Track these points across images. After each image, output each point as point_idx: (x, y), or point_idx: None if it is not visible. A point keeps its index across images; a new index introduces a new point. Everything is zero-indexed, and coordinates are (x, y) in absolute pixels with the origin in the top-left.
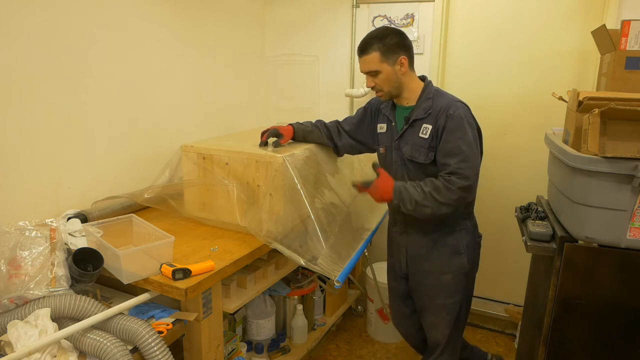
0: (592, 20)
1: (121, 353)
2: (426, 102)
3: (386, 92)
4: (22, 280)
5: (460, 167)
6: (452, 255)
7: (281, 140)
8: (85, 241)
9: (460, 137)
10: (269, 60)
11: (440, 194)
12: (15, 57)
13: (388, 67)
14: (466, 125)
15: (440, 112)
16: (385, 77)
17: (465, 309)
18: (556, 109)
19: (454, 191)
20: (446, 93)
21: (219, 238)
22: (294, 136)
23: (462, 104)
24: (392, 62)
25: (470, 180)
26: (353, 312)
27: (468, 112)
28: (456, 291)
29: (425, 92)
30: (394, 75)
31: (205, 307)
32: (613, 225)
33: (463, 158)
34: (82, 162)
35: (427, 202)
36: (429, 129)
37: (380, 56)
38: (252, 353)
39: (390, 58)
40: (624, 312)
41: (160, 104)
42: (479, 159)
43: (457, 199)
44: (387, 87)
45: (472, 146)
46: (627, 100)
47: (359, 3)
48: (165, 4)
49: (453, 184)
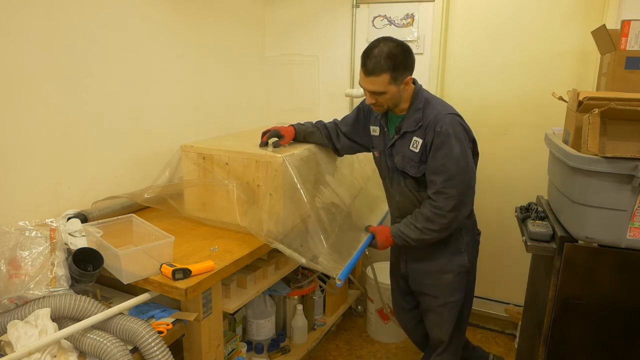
0: (592, 20)
1: (121, 353)
2: (416, 114)
3: (385, 107)
4: (22, 280)
5: (445, 186)
6: (452, 255)
7: (282, 141)
8: (85, 241)
9: (446, 154)
10: (269, 60)
11: (434, 223)
12: (15, 57)
13: (395, 88)
14: (452, 141)
15: (429, 126)
16: (390, 97)
17: (467, 307)
18: (556, 109)
19: (444, 215)
20: (436, 101)
21: (219, 238)
22: (295, 137)
23: (450, 115)
24: (399, 83)
25: (455, 198)
26: (353, 312)
27: (456, 124)
28: (458, 289)
29: (415, 102)
30: (398, 94)
31: (205, 307)
32: (613, 225)
33: (448, 176)
34: (82, 162)
35: (425, 235)
36: (419, 142)
37: (389, 79)
38: (252, 353)
39: (398, 79)
40: (624, 312)
41: (161, 104)
42: (468, 174)
43: (451, 220)
44: (388, 104)
45: (460, 162)
46: (627, 100)
47: (359, 3)
48: (165, 4)
49: (441, 209)
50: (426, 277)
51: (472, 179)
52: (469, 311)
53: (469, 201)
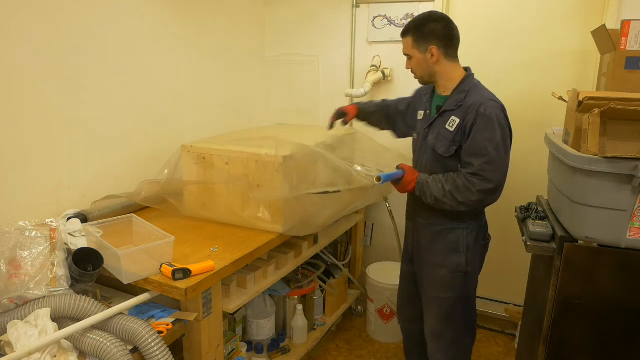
0: (592, 20)
1: (121, 353)
2: (459, 95)
3: (419, 76)
4: (22, 280)
5: (483, 169)
6: (450, 252)
7: (346, 119)
8: (85, 241)
9: (489, 137)
10: (269, 60)
11: (460, 194)
12: (15, 57)
13: (419, 54)
14: (496, 126)
15: (471, 107)
16: (416, 62)
17: (461, 309)
18: (556, 109)
19: (474, 192)
20: (484, 89)
21: (219, 238)
22: (357, 115)
23: (495, 102)
24: (423, 50)
25: (492, 183)
26: (353, 312)
27: (500, 111)
28: (450, 287)
29: (461, 85)
30: (425, 63)
31: (205, 307)
32: (613, 225)
33: (488, 160)
34: (82, 162)
35: (446, 199)
36: (456, 122)
37: (412, 42)
38: (252, 353)
39: (421, 46)
40: (624, 312)
41: (160, 103)
42: (506, 161)
43: (476, 201)
44: (419, 72)
45: (500, 148)
46: (627, 100)
47: (359, 3)
48: (165, 4)
49: (474, 185)
50: (425, 267)
51: (507, 168)
52: (468, 317)
53: (497, 193)
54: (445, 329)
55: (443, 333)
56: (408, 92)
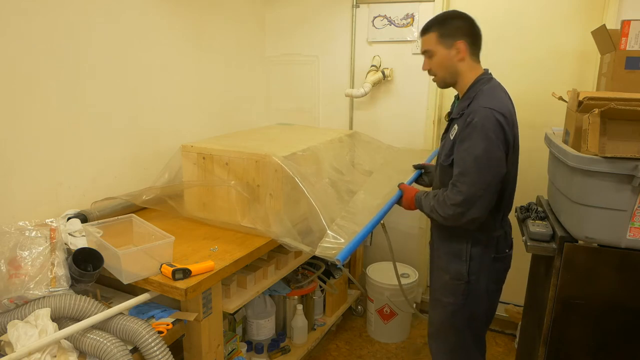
0: (592, 20)
1: (121, 353)
2: (464, 102)
3: (440, 77)
4: (22, 280)
5: (458, 180)
6: (452, 258)
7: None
8: (85, 241)
9: (468, 148)
10: (269, 60)
11: (440, 208)
12: (15, 57)
13: (443, 50)
14: (480, 136)
15: (469, 115)
16: (439, 60)
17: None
18: (556, 109)
19: (448, 206)
20: (488, 95)
21: (219, 238)
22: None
23: (488, 109)
24: (449, 46)
25: (461, 195)
26: (353, 312)
27: (490, 119)
28: (452, 293)
29: (469, 91)
30: (448, 61)
31: (205, 307)
32: (613, 225)
33: (462, 171)
34: (82, 162)
35: (433, 214)
36: (456, 130)
37: (437, 37)
38: (252, 353)
39: (447, 40)
40: (624, 312)
41: (160, 103)
42: (486, 176)
43: (453, 215)
44: (441, 72)
45: (481, 160)
46: (627, 100)
47: (359, 3)
48: (166, 4)
49: (448, 198)
50: (434, 269)
51: (492, 183)
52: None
53: (481, 205)
54: (442, 335)
55: (440, 338)
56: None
